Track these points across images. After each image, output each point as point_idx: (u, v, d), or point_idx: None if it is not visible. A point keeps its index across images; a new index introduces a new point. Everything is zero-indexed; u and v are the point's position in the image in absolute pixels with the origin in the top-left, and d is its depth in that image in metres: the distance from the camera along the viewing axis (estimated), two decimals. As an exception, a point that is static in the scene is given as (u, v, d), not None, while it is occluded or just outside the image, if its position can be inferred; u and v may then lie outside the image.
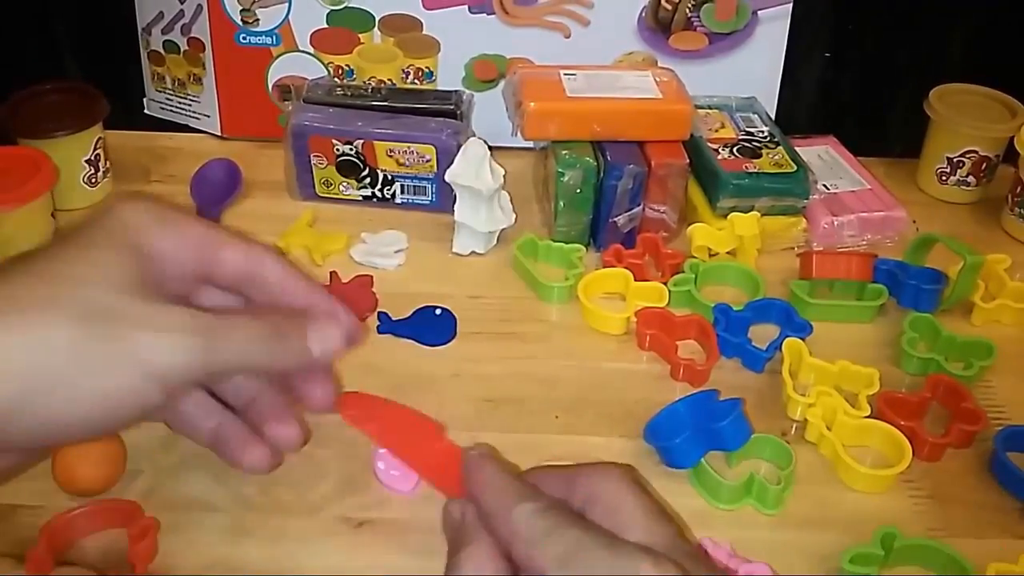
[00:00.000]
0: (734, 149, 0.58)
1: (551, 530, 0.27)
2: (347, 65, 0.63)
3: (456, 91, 0.60)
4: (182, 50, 0.64)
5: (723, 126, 0.60)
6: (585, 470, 0.30)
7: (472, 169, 0.52)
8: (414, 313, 0.50)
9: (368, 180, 0.58)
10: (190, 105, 0.65)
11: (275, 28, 0.62)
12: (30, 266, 0.30)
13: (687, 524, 0.40)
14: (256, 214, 0.59)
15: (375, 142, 0.56)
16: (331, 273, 0.53)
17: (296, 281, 0.35)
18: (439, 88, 0.63)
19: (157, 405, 0.31)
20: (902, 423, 0.44)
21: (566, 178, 0.53)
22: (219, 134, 0.65)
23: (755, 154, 0.57)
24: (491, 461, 0.31)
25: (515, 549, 0.28)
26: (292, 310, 0.34)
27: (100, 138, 0.58)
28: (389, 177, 0.58)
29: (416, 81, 0.64)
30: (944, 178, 0.63)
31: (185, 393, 0.34)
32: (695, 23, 0.62)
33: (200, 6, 0.61)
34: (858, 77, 0.69)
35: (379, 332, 0.49)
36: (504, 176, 0.53)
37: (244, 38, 0.62)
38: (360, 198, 0.59)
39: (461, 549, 0.29)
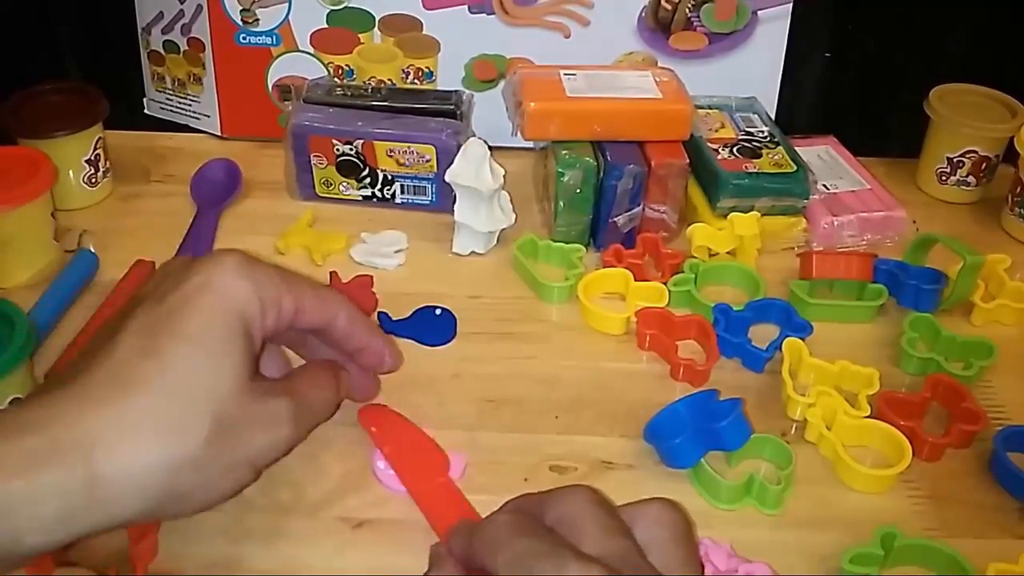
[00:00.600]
0: (734, 149, 0.58)
1: (510, 537, 0.28)
2: (347, 65, 0.63)
3: (456, 91, 0.60)
4: (182, 50, 0.64)
5: (723, 126, 0.60)
6: (555, 492, 0.31)
7: (472, 169, 0.52)
8: (414, 313, 0.50)
9: (368, 180, 0.58)
10: (190, 105, 0.65)
11: (275, 28, 0.62)
12: (161, 367, 0.32)
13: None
14: (256, 214, 0.59)
15: (375, 142, 0.56)
16: (331, 273, 0.53)
17: (359, 330, 0.39)
18: (439, 88, 0.63)
19: (247, 486, 0.35)
20: (902, 423, 0.44)
21: (566, 178, 0.53)
22: (219, 134, 0.65)
23: (755, 154, 0.57)
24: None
25: (478, 556, 0.29)
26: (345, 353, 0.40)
27: (100, 138, 0.58)
28: (389, 177, 0.58)
29: (416, 81, 0.64)
30: (944, 178, 0.63)
31: None
32: (695, 23, 0.62)
33: (200, 6, 0.61)
34: (858, 77, 0.69)
35: (379, 332, 0.49)
36: (504, 176, 0.53)
37: (244, 38, 0.62)
38: (360, 198, 0.59)
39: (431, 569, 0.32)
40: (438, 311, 0.50)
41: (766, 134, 0.59)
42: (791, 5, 0.62)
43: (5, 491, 0.29)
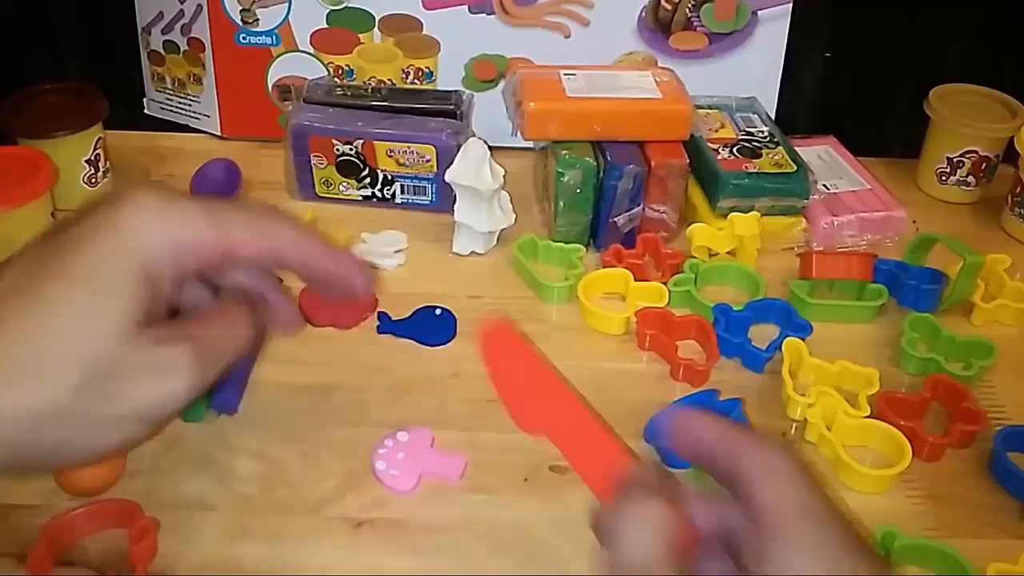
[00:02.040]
0: (734, 149, 0.58)
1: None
2: (347, 65, 0.63)
3: (456, 91, 0.60)
4: (182, 50, 0.64)
5: (723, 126, 0.60)
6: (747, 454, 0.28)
7: (472, 169, 0.52)
8: (414, 313, 0.50)
9: (368, 180, 0.58)
10: (190, 105, 0.65)
11: (275, 28, 0.62)
12: (30, 308, 0.29)
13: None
14: (256, 214, 0.58)
15: (375, 142, 0.56)
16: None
17: (312, 256, 0.34)
18: (439, 88, 0.63)
19: (146, 440, 0.31)
20: (902, 423, 0.44)
21: (566, 178, 0.53)
22: (219, 134, 0.65)
23: (755, 154, 0.57)
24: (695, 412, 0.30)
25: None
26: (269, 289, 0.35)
27: (100, 138, 0.58)
28: (389, 177, 0.58)
29: (416, 81, 0.64)
30: (944, 178, 0.63)
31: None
32: (695, 23, 0.62)
33: (200, 6, 0.61)
34: (858, 77, 0.69)
35: (379, 332, 0.49)
36: (504, 176, 0.53)
37: (244, 38, 0.62)
38: (360, 198, 0.59)
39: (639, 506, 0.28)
40: (438, 311, 0.50)
41: (766, 134, 0.59)
42: (791, 5, 0.62)
43: None
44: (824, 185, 0.59)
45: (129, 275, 0.30)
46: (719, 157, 0.57)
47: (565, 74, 0.57)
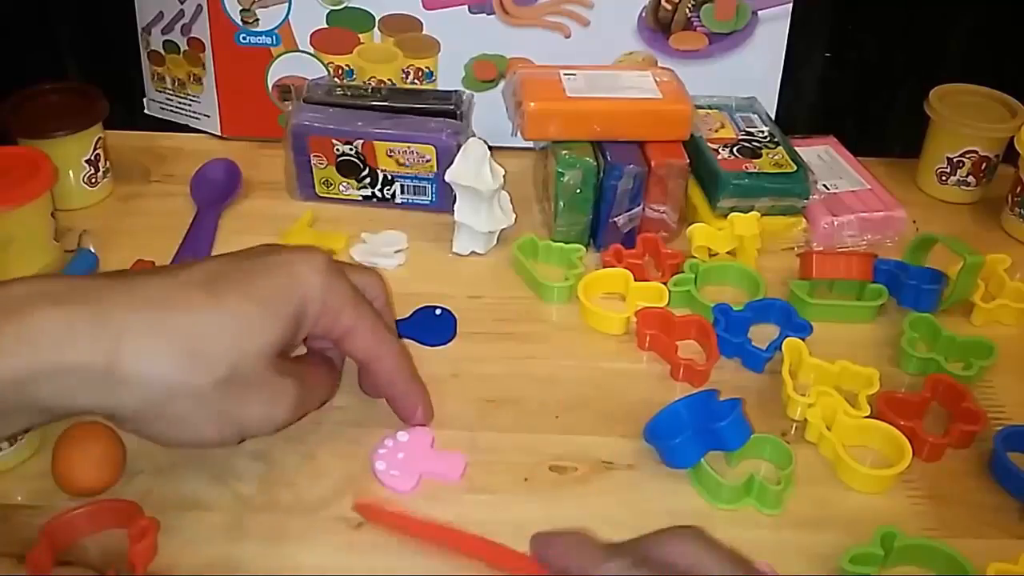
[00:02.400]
0: (734, 149, 0.58)
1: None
2: (347, 65, 0.63)
3: (456, 91, 0.60)
4: (182, 50, 0.64)
5: (723, 126, 0.60)
6: (654, 537, 0.31)
7: (472, 169, 0.52)
8: (414, 313, 0.50)
9: (368, 180, 0.58)
10: (190, 105, 0.65)
11: (275, 28, 0.62)
12: (212, 304, 0.34)
13: (687, 524, 0.40)
14: (256, 214, 0.59)
15: (375, 142, 0.56)
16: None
17: (400, 381, 0.41)
18: (439, 88, 0.63)
19: (223, 446, 0.37)
20: (902, 423, 0.44)
21: (566, 178, 0.53)
22: (219, 134, 0.65)
23: (755, 154, 0.57)
24: (561, 532, 0.34)
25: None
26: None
27: (100, 138, 0.58)
28: (389, 177, 0.58)
29: (416, 81, 0.64)
30: (944, 178, 0.63)
31: None
32: (695, 23, 0.62)
33: (200, 6, 0.61)
34: (858, 77, 0.69)
35: (379, 332, 0.49)
36: (504, 176, 0.53)
37: (244, 38, 0.62)
38: (360, 198, 0.59)
39: None
40: (438, 311, 0.50)
41: (766, 134, 0.59)
42: (791, 5, 0.62)
43: (39, 363, 0.31)
44: (824, 185, 0.59)
45: (289, 312, 0.36)
46: (719, 157, 0.57)
47: (565, 74, 0.57)
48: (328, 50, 0.62)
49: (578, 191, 0.54)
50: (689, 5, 0.62)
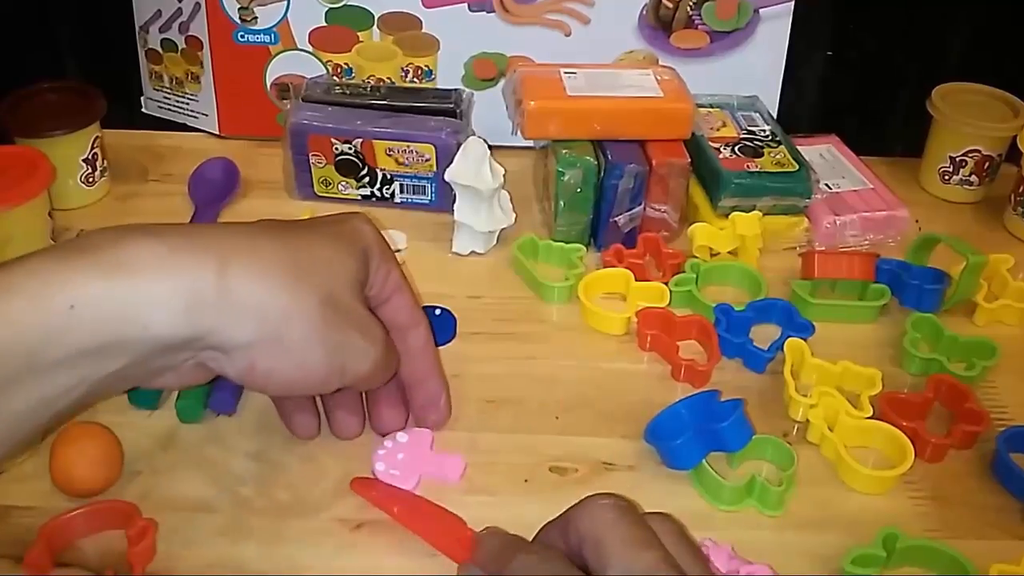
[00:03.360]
0: (736, 148, 0.57)
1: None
2: (346, 64, 0.63)
3: (456, 90, 0.60)
4: (180, 48, 0.63)
5: (724, 125, 0.60)
6: (573, 510, 0.30)
7: (472, 168, 0.52)
8: (413, 313, 0.50)
9: (367, 179, 0.58)
10: (188, 104, 0.65)
11: (273, 26, 0.61)
12: (294, 239, 0.35)
13: (688, 525, 0.40)
14: (254, 214, 0.57)
15: (374, 141, 0.56)
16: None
17: (427, 359, 0.42)
18: (439, 87, 0.63)
19: (317, 392, 0.39)
20: (904, 424, 0.44)
21: (566, 177, 0.53)
22: (217, 133, 0.65)
23: (757, 153, 0.57)
24: (498, 530, 0.34)
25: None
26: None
27: (97, 137, 0.58)
28: (388, 176, 0.58)
29: (415, 80, 0.63)
30: (947, 177, 0.63)
31: None
32: (696, 21, 0.62)
33: (198, 4, 0.61)
34: (860, 76, 0.69)
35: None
36: (504, 175, 0.53)
37: (242, 36, 0.62)
38: (359, 197, 0.59)
39: None
40: (438, 311, 0.50)
41: (768, 133, 0.59)
42: (793, 3, 0.62)
43: (143, 283, 0.31)
44: (826, 184, 0.59)
45: (359, 248, 0.38)
46: (721, 156, 0.57)
47: (565, 72, 0.56)
48: (327, 48, 0.62)
49: (578, 190, 0.53)
50: (690, 3, 0.61)
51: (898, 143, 0.67)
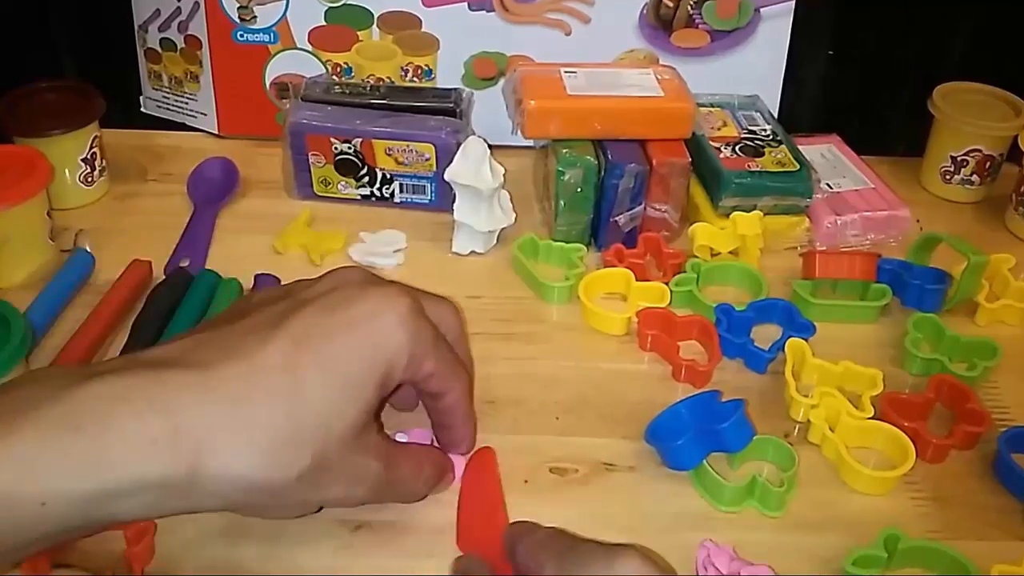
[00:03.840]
0: (736, 148, 0.57)
1: (550, 539, 0.31)
2: (345, 63, 0.63)
3: (456, 89, 0.60)
4: (179, 48, 0.63)
5: (725, 124, 0.60)
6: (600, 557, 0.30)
7: (472, 168, 0.52)
8: (413, 313, 0.50)
9: (367, 179, 0.58)
10: (187, 103, 0.65)
11: (273, 26, 0.61)
12: (295, 388, 0.31)
13: (689, 526, 0.40)
14: (253, 213, 0.58)
15: (374, 140, 0.56)
16: (330, 273, 0.52)
17: (460, 413, 0.39)
18: (438, 86, 0.63)
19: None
20: (906, 424, 0.43)
21: (567, 177, 0.53)
22: (216, 132, 0.65)
23: (757, 153, 0.57)
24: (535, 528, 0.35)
25: (520, 558, 0.32)
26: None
27: (96, 136, 0.58)
28: (388, 176, 0.57)
29: (415, 79, 0.63)
30: (948, 177, 0.62)
31: None
32: (697, 20, 0.62)
33: (197, 3, 0.61)
34: (861, 75, 0.69)
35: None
36: (504, 175, 0.53)
37: (241, 36, 0.61)
38: (358, 197, 0.58)
39: None
40: (437, 311, 0.50)
41: (768, 132, 0.59)
42: (793, 3, 0.62)
43: (115, 480, 0.29)
44: (827, 184, 0.59)
45: (375, 377, 0.33)
46: (721, 156, 0.56)
47: (566, 72, 0.56)
48: (326, 48, 0.62)
49: (579, 190, 0.53)
50: (691, 3, 0.61)
51: (899, 143, 0.67)
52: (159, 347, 0.34)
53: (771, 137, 0.58)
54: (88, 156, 0.57)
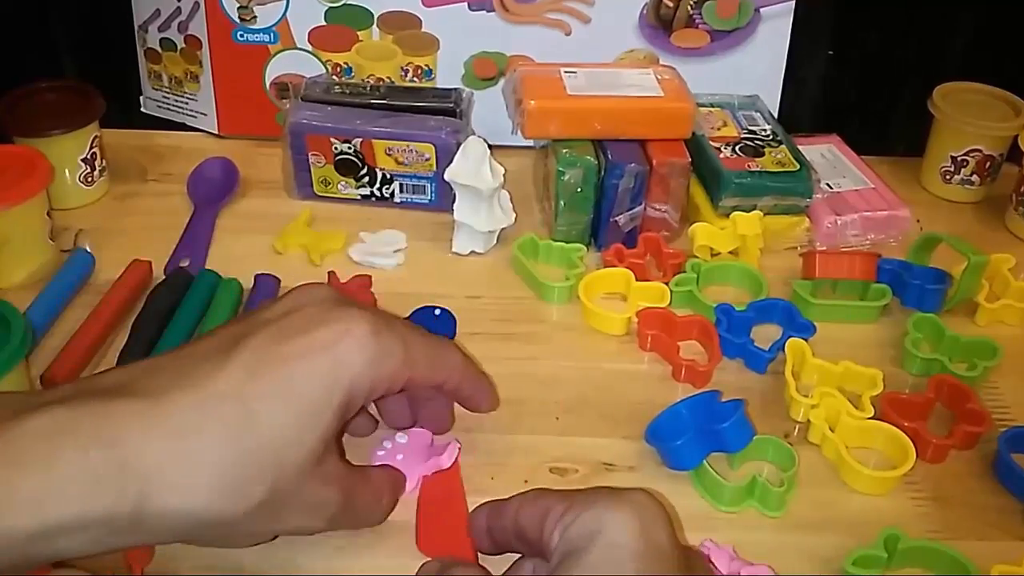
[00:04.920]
0: (736, 148, 0.57)
1: (539, 493, 0.32)
2: (345, 63, 0.63)
3: (456, 89, 0.60)
4: (179, 48, 0.63)
5: (725, 124, 0.60)
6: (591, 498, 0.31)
7: (472, 168, 0.52)
8: (413, 313, 0.50)
9: (367, 179, 0.58)
10: (187, 103, 0.65)
11: (273, 26, 0.61)
12: (249, 420, 0.30)
13: (689, 526, 0.39)
14: (253, 213, 0.58)
15: (374, 140, 0.56)
16: (329, 273, 0.52)
17: (466, 385, 0.39)
18: (438, 86, 0.63)
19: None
20: (906, 424, 0.43)
21: (567, 177, 0.53)
22: (216, 132, 0.65)
23: (757, 153, 0.57)
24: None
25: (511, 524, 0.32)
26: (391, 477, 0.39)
27: (96, 136, 0.58)
28: (388, 176, 0.57)
29: (415, 79, 0.63)
30: (948, 177, 0.62)
31: None
32: (697, 20, 0.62)
33: (197, 3, 0.61)
34: (861, 75, 0.69)
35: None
36: (504, 175, 0.53)
37: (241, 36, 0.61)
38: (358, 197, 0.58)
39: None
40: (437, 311, 0.50)
41: (769, 132, 0.59)
42: (793, 3, 0.62)
43: (58, 517, 0.28)
44: (827, 184, 0.59)
45: (333, 404, 0.32)
46: (721, 156, 0.56)
47: (566, 72, 0.56)
48: (326, 48, 0.62)
49: (579, 190, 0.53)
50: (691, 2, 0.61)
51: (899, 143, 0.67)
52: (112, 371, 0.33)
53: (771, 137, 0.58)
54: (88, 156, 0.57)
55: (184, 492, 0.30)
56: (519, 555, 0.34)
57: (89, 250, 0.53)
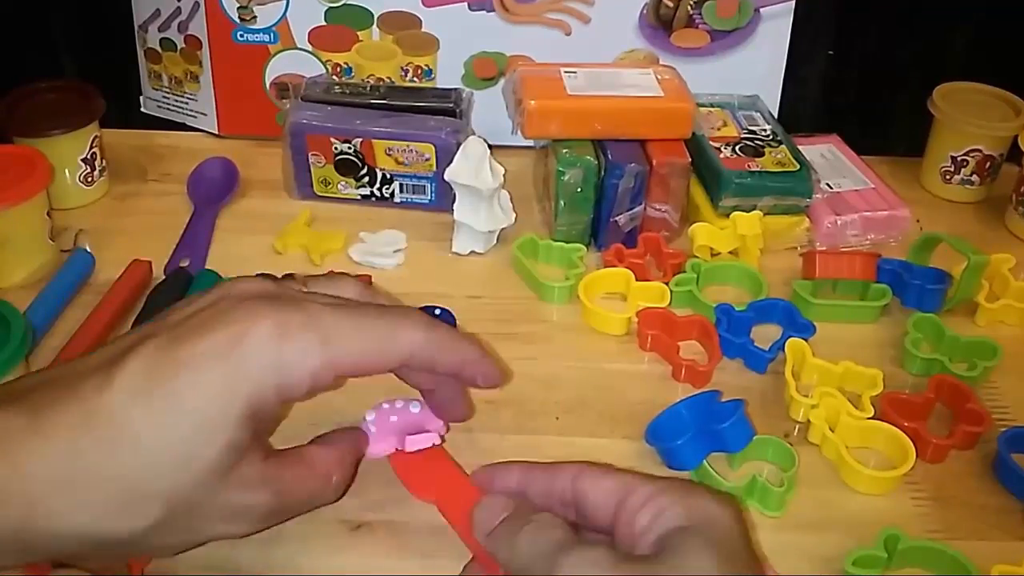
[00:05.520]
0: (736, 148, 0.57)
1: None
2: (345, 63, 0.63)
3: (456, 89, 0.60)
4: (179, 48, 0.63)
5: (725, 124, 0.60)
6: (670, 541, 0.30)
7: (472, 168, 0.52)
8: (413, 313, 0.50)
9: (367, 179, 0.58)
10: (187, 103, 0.65)
11: (273, 26, 0.61)
12: (139, 434, 0.29)
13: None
14: (253, 213, 0.58)
15: (374, 140, 0.56)
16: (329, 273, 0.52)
17: (443, 354, 0.34)
18: (438, 86, 0.63)
19: None
20: (906, 424, 0.43)
21: (567, 177, 0.53)
22: (216, 132, 0.65)
23: (757, 153, 0.57)
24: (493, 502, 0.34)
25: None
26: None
27: (96, 136, 0.58)
28: (388, 176, 0.57)
29: (415, 79, 0.63)
30: (948, 177, 0.62)
31: None
32: (697, 20, 0.62)
33: (197, 3, 0.61)
34: (861, 75, 0.69)
35: (378, 332, 0.49)
36: (504, 175, 0.53)
37: (241, 36, 0.61)
38: (358, 197, 0.58)
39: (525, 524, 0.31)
40: (437, 311, 0.50)
41: (768, 132, 0.59)
42: (793, 2, 0.62)
43: None
44: (827, 184, 0.58)
45: (231, 418, 0.30)
46: (721, 156, 0.56)
47: (566, 72, 0.56)
48: (326, 48, 0.62)
49: (579, 190, 0.53)
50: (691, 2, 0.61)
51: (899, 143, 0.67)
52: (23, 379, 0.32)
53: (771, 137, 0.58)
54: (88, 156, 0.57)
55: (72, 514, 0.28)
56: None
57: (89, 250, 0.53)
